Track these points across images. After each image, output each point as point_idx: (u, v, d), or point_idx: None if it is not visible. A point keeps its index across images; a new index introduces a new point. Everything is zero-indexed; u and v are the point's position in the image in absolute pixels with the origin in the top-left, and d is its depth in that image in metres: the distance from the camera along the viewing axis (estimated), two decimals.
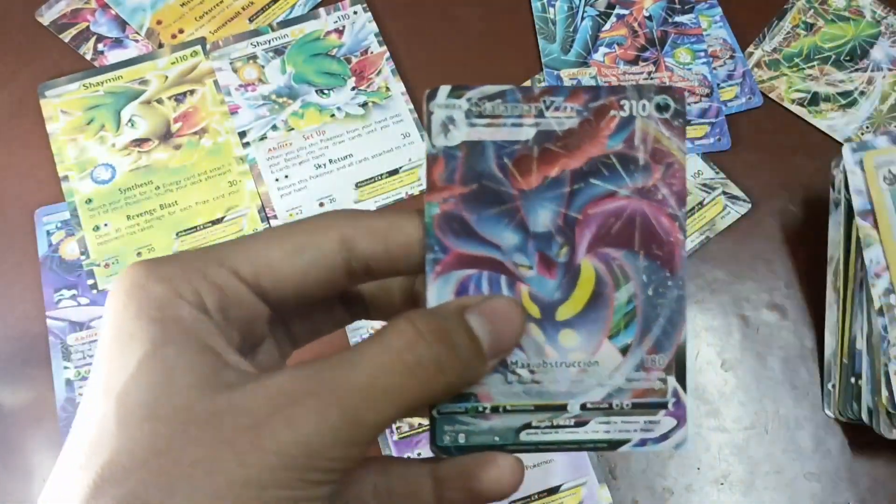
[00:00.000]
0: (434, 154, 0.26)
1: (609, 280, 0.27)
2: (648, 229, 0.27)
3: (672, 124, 0.27)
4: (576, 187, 0.27)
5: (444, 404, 0.26)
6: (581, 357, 0.27)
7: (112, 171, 0.43)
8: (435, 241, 0.26)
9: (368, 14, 0.47)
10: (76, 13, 0.48)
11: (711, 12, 0.49)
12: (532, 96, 0.27)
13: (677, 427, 0.28)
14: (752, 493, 0.37)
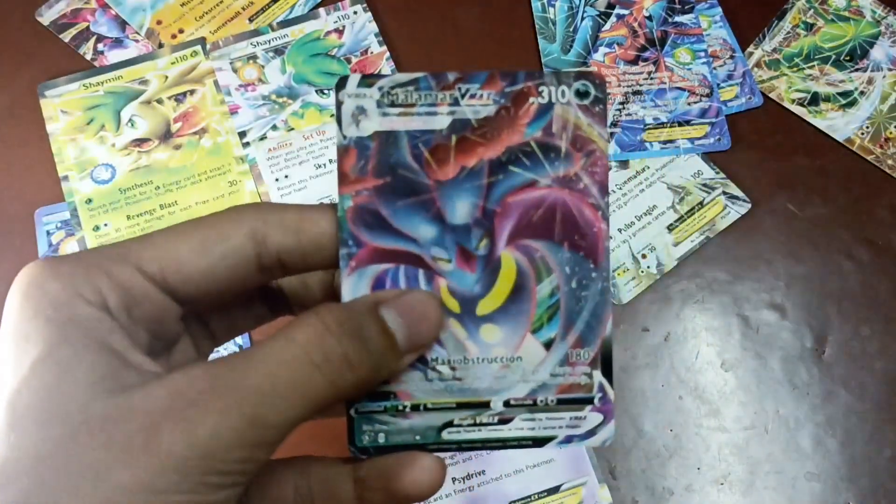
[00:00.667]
0: (345, 145, 0.25)
1: (531, 273, 0.26)
2: (570, 220, 0.26)
3: (592, 110, 0.26)
4: (494, 178, 0.26)
5: (362, 403, 0.25)
6: (503, 352, 0.26)
7: (112, 171, 0.43)
8: (349, 235, 0.25)
9: (368, 14, 0.47)
10: (76, 13, 0.48)
11: (711, 12, 0.49)
12: (446, 84, 0.26)
13: (604, 423, 0.27)
14: (752, 493, 0.37)
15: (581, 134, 0.26)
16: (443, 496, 0.36)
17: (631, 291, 0.41)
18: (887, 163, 0.44)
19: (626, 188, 0.43)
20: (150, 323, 0.22)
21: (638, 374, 0.39)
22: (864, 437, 0.38)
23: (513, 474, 0.37)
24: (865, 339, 0.40)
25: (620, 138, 0.44)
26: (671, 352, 0.40)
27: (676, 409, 0.39)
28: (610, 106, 0.25)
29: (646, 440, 0.38)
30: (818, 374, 0.40)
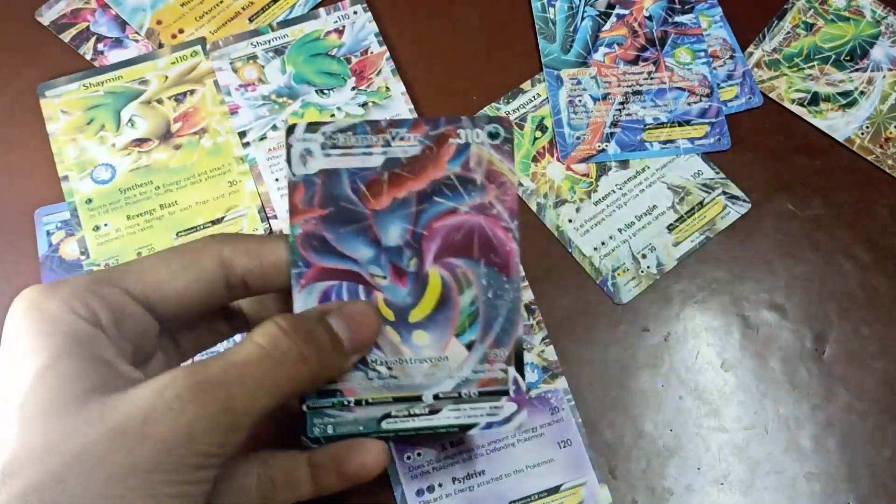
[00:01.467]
0: (295, 181, 0.30)
1: (454, 285, 0.30)
2: (486, 240, 0.31)
3: (502, 149, 0.31)
4: (421, 206, 0.30)
5: (313, 399, 0.29)
6: (432, 354, 0.31)
7: (112, 171, 0.43)
8: (299, 258, 0.29)
9: (368, 14, 0.47)
10: (76, 13, 0.48)
11: (711, 12, 0.49)
12: (379, 128, 0.30)
13: (518, 411, 0.31)
14: (752, 493, 0.37)
15: (494, 168, 0.31)
16: (443, 496, 0.36)
17: (631, 291, 0.41)
18: (887, 163, 0.44)
19: (626, 188, 0.43)
20: (134, 337, 0.26)
21: (638, 374, 0.39)
22: (864, 437, 0.38)
23: (513, 474, 0.37)
24: (865, 339, 0.40)
25: (620, 138, 0.44)
26: (671, 352, 0.40)
27: (676, 409, 0.39)
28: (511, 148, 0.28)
29: (646, 440, 0.38)
30: (818, 374, 0.40)
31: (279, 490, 0.29)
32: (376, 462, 0.29)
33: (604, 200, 0.43)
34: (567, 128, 0.45)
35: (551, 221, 0.43)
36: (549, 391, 0.38)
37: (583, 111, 0.45)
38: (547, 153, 0.44)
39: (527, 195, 0.43)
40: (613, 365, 0.40)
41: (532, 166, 0.44)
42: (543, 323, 0.40)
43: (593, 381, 0.39)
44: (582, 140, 0.44)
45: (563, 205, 0.43)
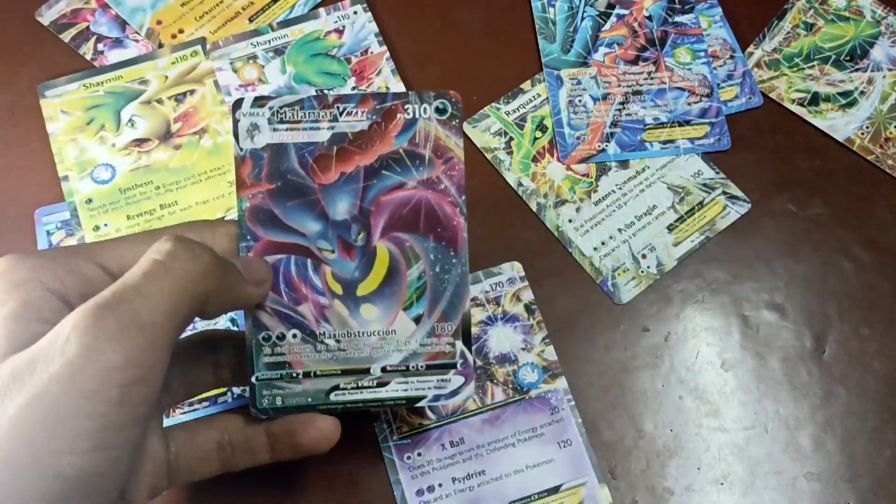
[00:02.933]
0: (242, 155, 0.30)
1: (402, 260, 0.31)
2: (434, 215, 0.31)
3: (450, 124, 0.31)
4: (369, 181, 0.31)
5: (262, 372, 0.30)
6: (380, 327, 0.31)
7: (112, 171, 0.43)
8: (246, 231, 0.30)
9: (368, 14, 0.47)
10: (76, 13, 0.48)
11: (711, 12, 0.49)
12: (327, 103, 0.30)
13: (465, 384, 0.32)
14: (752, 493, 0.37)
15: (441, 144, 0.31)
16: (443, 496, 0.36)
17: (631, 291, 0.41)
18: (887, 163, 0.44)
19: (626, 188, 0.43)
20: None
21: (638, 374, 0.39)
22: (864, 437, 0.38)
23: (513, 474, 0.37)
24: (865, 339, 0.40)
25: (620, 138, 0.44)
26: (671, 352, 0.40)
27: (676, 409, 0.39)
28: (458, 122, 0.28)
29: (646, 440, 0.38)
30: (818, 374, 0.40)
31: (238, 455, 0.30)
32: (328, 437, 0.30)
33: (604, 200, 0.43)
34: (567, 128, 0.45)
35: (551, 221, 0.43)
36: (549, 391, 0.38)
37: (583, 111, 0.45)
38: (547, 153, 0.44)
39: (527, 195, 0.43)
40: (613, 365, 0.40)
41: (532, 166, 0.44)
42: (543, 323, 0.40)
43: (593, 381, 0.39)
44: (582, 140, 0.44)
45: (563, 205, 0.43)
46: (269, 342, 0.30)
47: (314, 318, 0.31)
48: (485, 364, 0.39)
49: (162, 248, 0.25)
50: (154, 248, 0.25)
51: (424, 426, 0.37)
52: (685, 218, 0.43)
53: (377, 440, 0.37)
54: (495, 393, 0.38)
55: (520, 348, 0.39)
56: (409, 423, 0.37)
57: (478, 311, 0.40)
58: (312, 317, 0.31)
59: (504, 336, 0.40)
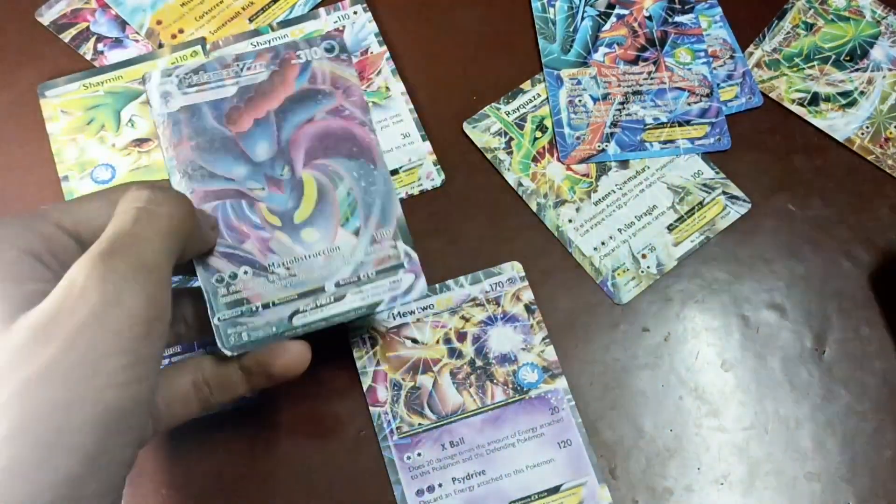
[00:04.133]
0: (162, 120, 0.33)
1: (328, 182, 0.34)
2: (346, 137, 0.34)
3: (340, 59, 0.35)
4: (280, 121, 0.34)
5: (222, 312, 0.32)
6: (324, 246, 0.33)
7: (112, 172, 0.43)
8: (179, 185, 0.32)
9: (368, 14, 0.47)
10: (76, 13, 0.48)
11: (711, 12, 0.49)
12: (227, 63, 0.34)
13: (416, 280, 0.34)
14: (752, 493, 0.37)
15: (337, 76, 0.35)
16: (443, 496, 0.36)
17: (631, 291, 0.41)
18: (887, 163, 0.44)
19: (626, 188, 0.43)
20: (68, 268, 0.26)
21: (638, 374, 0.39)
22: (864, 437, 0.38)
23: (513, 474, 0.37)
24: (865, 339, 0.40)
25: (620, 138, 0.44)
26: (671, 352, 0.40)
27: (676, 409, 0.39)
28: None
29: (646, 440, 0.38)
30: (818, 374, 0.40)
31: (215, 392, 0.32)
32: (300, 361, 0.32)
33: (604, 200, 0.43)
34: (567, 128, 0.45)
35: (551, 221, 0.43)
36: (549, 391, 0.38)
37: (583, 111, 0.45)
38: (547, 153, 0.44)
39: (527, 195, 0.43)
40: (613, 365, 0.40)
41: (532, 166, 0.44)
42: (543, 323, 0.40)
43: (593, 381, 0.39)
44: (582, 140, 0.44)
45: (563, 205, 0.43)
46: (223, 283, 0.32)
47: (260, 252, 0.33)
48: (485, 364, 0.39)
49: (141, 195, 0.27)
50: (131, 197, 0.27)
51: (425, 426, 0.37)
52: (685, 218, 0.43)
53: (377, 440, 0.37)
54: (495, 393, 0.38)
55: (520, 348, 0.39)
56: (408, 423, 0.37)
57: (478, 311, 0.40)
58: (258, 251, 0.33)
59: (504, 336, 0.40)
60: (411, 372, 0.39)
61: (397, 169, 0.44)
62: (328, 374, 0.39)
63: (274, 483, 0.37)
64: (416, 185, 0.44)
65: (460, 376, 0.38)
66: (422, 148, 0.44)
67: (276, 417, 0.38)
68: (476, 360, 0.39)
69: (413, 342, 0.39)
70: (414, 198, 0.43)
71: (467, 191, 0.43)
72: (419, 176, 0.44)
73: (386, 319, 0.39)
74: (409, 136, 0.44)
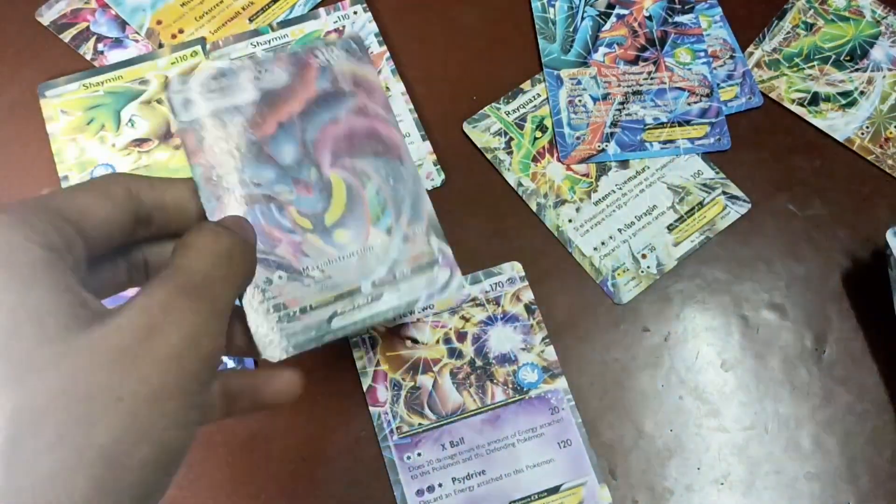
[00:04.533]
0: (183, 128, 0.32)
1: (356, 182, 0.33)
2: (372, 136, 0.33)
3: (360, 58, 0.34)
4: (304, 123, 0.33)
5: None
6: (357, 247, 0.32)
7: (112, 171, 0.43)
8: (207, 194, 0.31)
9: (368, 14, 0.47)
10: (76, 13, 0.48)
11: (711, 12, 0.49)
12: (247, 68, 0.33)
13: (452, 276, 0.33)
14: (752, 493, 0.37)
15: (358, 76, 0.34)
16: (443, 496, 0.36)
17: (631, 291, 0.41)
18: (887, 163, 0.44)
19: (626, 188, 0.43)
20: (81, 264, 0.25)
21: (638, 374, 0.39)
22: (864, 437, 0.38)
23: (513, 474, 0.37)
24: (865, 339, 0.40)
25: (620, 138, 0.44)
26: (671, 352, 0.40)
27: (676, 409, 0.39)
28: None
29: (646, 440, 0.38)
30: (818, 374, 0.40)
31: None
32: (292, 388, 0.30)
33: (604, 200, 0.43)
34: (567, 128, 0.45)
35: (551, 221, 0.43)
36: (549, 391, 0.38)
37: (583, 111, 0.45)
38: (547, 153, 0.44)
39: (527, 195, 0.43)
40: (613, 365, 0.40)
41: (532, 166, 0.44)
42: (543, 323, 0.40)
43: (593, 381, 0.39)
44: (582, 140, 0.44)
45: (563, 205, 0.43)
46: (259, 289, 0.31)
47: (293, 256, 0.32)
48: (485, 364, 0.39)
49: (221, 241, 0.26)
50: (201, 235, 0.26)
51: (425, 426, 0.37)
52: (685, 218, 0.43)
53: (377, 440, 0.37)
54: (495, 393, 0.38)
55: (520, 348, 0.39)
56: (408, 423, 0.37)
57: (478, 311, 0.40)
58: (291, 255, 0.32)
59: (504, 336, 0.40)
60: (411, 372, 0.39)
61: None
62: (328, 374, 0.39)
63: (274, 483, 0.37)
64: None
65: (460, 376, 0.39)
66: (422, 148, 0.44)
67: (276, 417, 0.38)
68: (476, 360, 0.39)
69: (413, 342, 0.39)
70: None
71: (467, 191, 0.43)
72: (420, 175, 0.44)
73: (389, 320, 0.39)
74: (409, 137, 0.44)
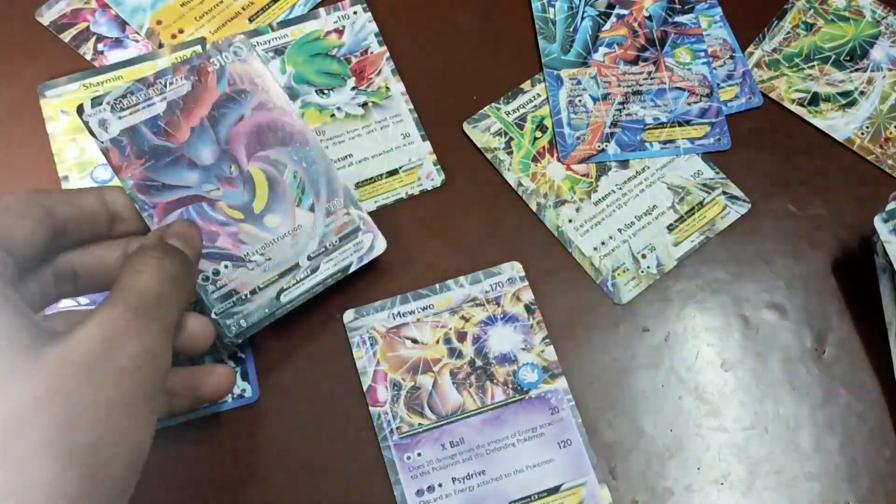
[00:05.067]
0: (105, 147, 0.35)
1: (274, 170, 0.37)
2: (278, 128, 0.37)
3: (250, 60, 0.38)
4: (215, 125, 0.37)
5: (217, 307, 0.35)
6: (287, 228, 0.37)
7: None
8: (142, 203, 0.35)
9: (368, 14, 0.47)
10: (76, 13, 0.48)
11: (711, 12, 0.49)
12: (149, 83, 0.36)
13: (375, 239, 0.38)
14: (752, 493, 0.37)
15: (251, 76, 0.38)
16: (443, 496, 0.36)
17: (631, 291, 0.41)
18: (887, 163, 0.44)
19: (626, 188, 0.43)
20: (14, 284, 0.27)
21: (638, 374, 0.39)
22: (864, 437, 0.38)
23: (513, 474, 0.37)
24: (865, 340, 0.40)
25: (620, 138, 0.44)
26: (671, 352, 0.40)
27: (676, 409, 0.39)
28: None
29: (646, 440, 0.38)
30: (818, 374, 0.40)
31: None
32: (227, 384, 0.33)
33: (604, 200, 0.43)
34: (567, 128, 0.45)
35: (551, 221, 0.43)
36: (549, 391, 0.38)
37: (583, 111, 0.45)
38: (547, 153, 0.44)
39: (527, 195, 0.43)
40: (613, 365, 0.40)
41: (532, 166, 0.44)
42: (543, 323, 0.40)
43: (593, 381, 0.39)
44: (582, 140, 0.44)
45: (563, 205, 0.43)
46: (209, 281, 0.35)
47: (234, 246, 0.36)
48: (485, 364, 0.39)
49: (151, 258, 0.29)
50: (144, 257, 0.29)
51: (425, 426, 0.37)
52: (685, 218, 0.43)
53: (377, 440, 0.37)
54: (495, 393, 0.38)
55: (520, 348, 0.39)
56: (408, 423, 0.37)
57: (478, 311, 0.40)
58: (231, 245, 0.36)
59: (504, 336, 0.40)
60: (411, 372, 0.39)
61: (397, 169, 0.44)
62: (328, 374, 0.39)
63: (273, 483, 0.37)
64: (417, 185, 0.44)
65: (460, 376, 0.38)
66: (422, 148, 0.44)
67: (276, 417, 0.38)
68: (476, 360, 0.39)
69: (413, 342, 0.39)
70: (414, 198, 0.43)
71: (467, 191, 0.43)
72: (419, 176, 0.44)
73: (386, 319, 0.39)
74: (409, 136, 0.44)
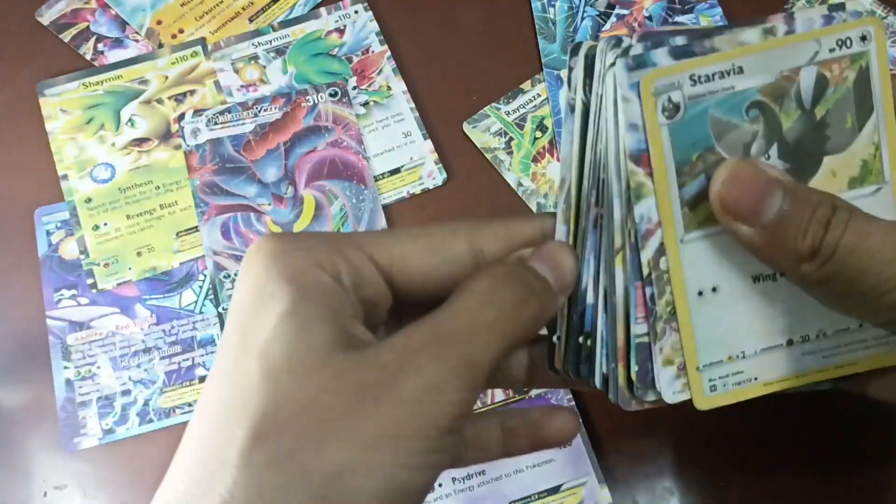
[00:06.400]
0: (189, 150, 0.42)
1: (324, 200, 0.42)
2: (342, 164, 0.42)
3: (342, 101, 0.43)
4: (289, 151, 0.42)
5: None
6: None
7: (112, 171, 0.43)
8: (199, 201, 0.40)
9: (369, 13, 0.47)
10: (76, 13, 0.48)
11: (711, 12, 0.49)
12: (247, 106, 0.43)
13: None
14: (753, 493, 0.37)
15: (338, 115, 0.43)
16: (443, 496, 0.36)
17: None
18: None
19: None
20: (368, 305, 0.25)
21: None
22: (864, 439, 0.38)
23: (513, 474, 0.37)
24: None
25: None
26: None
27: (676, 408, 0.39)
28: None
29: (646, 440, 0.38)
30: None
31: (471, 450, 0.29)
32: (572, 429, 0.29)
33: None
34: None
35: None
36: (549, 391, 0.38)
37: None
38: (547, 153, 0.44)
39: (527, 195, 0.43)
40: None
41: (532, 166, 0.44)
42: None
43: None
44: None
45: None
46: (230, 280, 0.39)
47: None
48: None
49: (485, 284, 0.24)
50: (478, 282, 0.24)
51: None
52: None
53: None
54: (495, 393, 0.38)
55: None
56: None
57: None
58: None
59: None
60: None
61: (399, 168, 0.44)
62: None
63: None
64: (418, 184, 0.43)
65: None
66: (423, 147, 0.44)
67: None
68: None
69: None
70: (416, 196, 0.43)
71: (469, 190, 0.43)
72: (421, 175, 0.44)
73: None
74: (410, 135, 0.44)
